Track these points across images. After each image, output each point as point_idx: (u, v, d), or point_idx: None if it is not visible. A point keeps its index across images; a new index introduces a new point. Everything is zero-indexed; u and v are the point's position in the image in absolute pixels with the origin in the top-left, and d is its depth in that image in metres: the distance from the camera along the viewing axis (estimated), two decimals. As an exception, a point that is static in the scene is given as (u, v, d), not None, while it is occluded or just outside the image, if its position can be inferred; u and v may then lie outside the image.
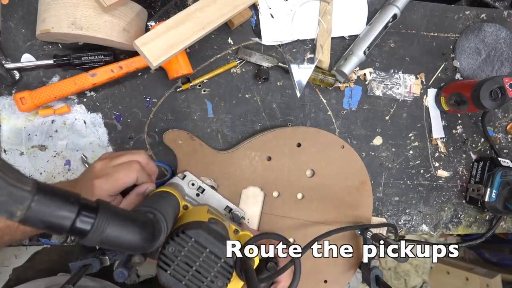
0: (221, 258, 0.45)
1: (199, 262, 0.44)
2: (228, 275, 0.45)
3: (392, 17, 0.74)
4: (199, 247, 0.44)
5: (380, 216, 0.80)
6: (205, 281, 0.44)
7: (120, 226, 0.36)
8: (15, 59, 0.65)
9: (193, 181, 0.67)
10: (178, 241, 0.44)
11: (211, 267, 0.44)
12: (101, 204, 0.36)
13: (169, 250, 0.44)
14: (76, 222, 0.33)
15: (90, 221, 0.34)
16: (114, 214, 0.36)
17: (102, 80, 0.64)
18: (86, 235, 0.34)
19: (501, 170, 0.78)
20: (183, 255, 0.44)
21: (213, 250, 0.44)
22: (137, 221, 0.39)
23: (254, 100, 0.74)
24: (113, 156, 0.54)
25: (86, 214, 0.34)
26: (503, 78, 0.71)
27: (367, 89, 0.78)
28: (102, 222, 0.34)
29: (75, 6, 0.56)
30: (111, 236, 0.35)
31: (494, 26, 0.83)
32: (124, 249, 0.38)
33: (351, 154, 0.74)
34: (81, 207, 0.33)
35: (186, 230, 0.44)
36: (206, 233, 0.45)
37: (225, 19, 0.63)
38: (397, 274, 1.91)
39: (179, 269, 0.44)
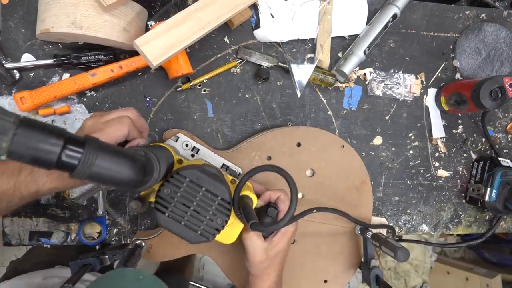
0: (218, 196, 0.45)
1: (196, 202, 0.44)
2: (227, 212, 0.45)
3: (392, 17, 0.74)
4: (194, 186, 0.44)
5: (380, 216, 0.80)
6: (204, 219, 0.44)
7: (109, 159, 0.36)
8: (15, 59, 0.65)
9: (186, 142, 0.66)
10: (173, 182, 0.44)
11: (208, 205, 0.44)
12: (89, 138, 0.35)
13: (165, 191, 0.44)
14: (63, 155, 0.33)
15: (77, 155, 0.33)
16: (103, 148, 0.36)
17: (102, 80, 0.64)
18: (74, 169, 0.34)
19: (501, 170, 0.78)
20: (179, 196, 0.44)
21: (209, 188, 0.44)
22: (127, 156, 0.38)
23: (254, 99, 0.74)
24: (103, 113, 0.54)
25: (72, 148, 0.33)
26: (503, 78, 0.71)
27: (367, 89, 0.78)
28: (90, 155, 0.34)
29: (75, 6, 0.56)
30: (100, 169, 0.35)
31: (494, 26, 0.83)
32: (116, 184, 0.38)
33: (351, 154, 0.74)
34: (67, 140, 0.33)
35: (180, 171, 0.44)
36: (200, 172, 0.44)
37: (225, 18, 0.63)
38: (397, 274, 1.91)
39: (177, 210, 0.44)
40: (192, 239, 0.44)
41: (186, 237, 0.45)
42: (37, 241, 0.68)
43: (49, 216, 0.68)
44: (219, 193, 0.45)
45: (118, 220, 0.70)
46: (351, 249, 0.75)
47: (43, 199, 0.68)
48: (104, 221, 0.68)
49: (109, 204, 0.69)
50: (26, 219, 0.68)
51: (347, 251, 0.75)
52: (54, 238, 0.68)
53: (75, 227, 0.69)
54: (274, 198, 0.59)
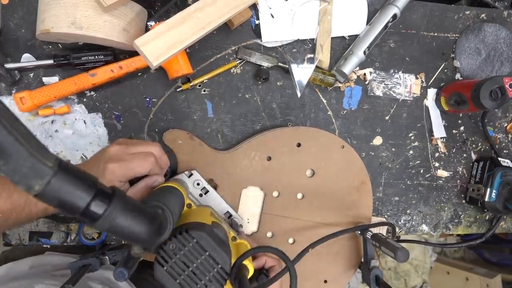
0: (218, 264, 0.45)
1: (196, 264, 0.44)
2: (223, 281, 0.45)
3: (392, 17, 0.74)
4: (199, 249, 0.44)
5: (380, 216, 0.80)
6: (199, 283, 0.44)
7: (130, 217, 0.36)
8: (15, 59, 0.65)
9: (198, 181, 0.67)
10: (180, 239, 0.44)
11: (207, 270, 0.44)
12: (117, 192, 0.36)
13: (170, 247, 0.44)
14: (91, 206, 0.33)
15: (104, 206, 0.34)
16: (127, 204, 0.36)
17: (102, 80, 0.64)
18: (97, 220, 0.34)
19: (501, 170, 0.78)
20: (182, 254, 0.44)
21: (213, 255, 0.45)
22: (147, 214, 0.39)
23: (254, 100, 0.74)
24: (129, 143, 0.54)
25: (100, 199, 0.34)
26: (503, 78, 0.71)
27: (367, 89, 0.78)
28: (115, 209, 0.34)
29: (75, 6, 0.56)
30: (120, 225, 0.35)
31: (494, 26, 0.83)
32: (129, 240, 0.38)
33: (351, 154, 0.74)
34: (97, 192, 0.33)
35: (189, 230, 0.45)
36: (208, 236, 0.45)
37: (225, 19, 0.63)
38: (397, 274, 1.91)
39: (176, 267, 0.44)
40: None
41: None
42: (37, 241, 0.68)
43: (49, 216, 0.68)
44: (220, 261, 0.45)
45: (118, 220, 0.70)
46: (351, 250, 0.75)
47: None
48: (104, 221, 0.68)
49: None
50: (26, 219, 0.68)
51: (347, 251, 0.75)
52: (54, 238, 0.68)
53: (75, 227, 0.69)
54: (269, 265, 0.59)
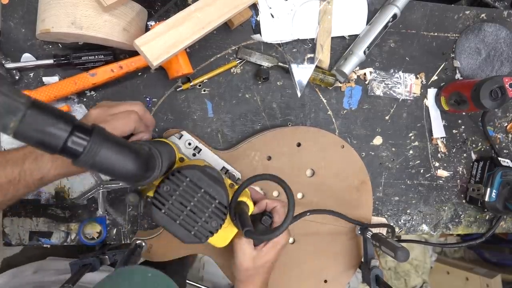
0: (215, 199, 0.45)
1: (193, 202, 0.44)
2: (223, 215, 0.45)
3: (392, 17, 0.74)
4: (194, 186, 0.44)
5: (380, 216, 0.80)
6: (199, 221, 0.44)
7: (114, 151, 0.36)
8: (15, 59, 0.65)
9: (189, 141, 0.66)
10: (173, 180, 0.44)
11: (205, 207, 0.44)
12: (96, 127, 0.35)
13: (164, 188, 0.44)
14: (69, 141, 0.33)
15: (83, 142, 0.33)
16: (109, 139, 0.36)
17: (102, 80, 0.64)
18: (79, 156, 0.34)
19: (501, 170, 0.78)
20: (178, 194, 0.44)
21: (208, 191, 0.44)
22: (131, 149, 0.38)
23: (254, 99, 0.74)
24: (110, 105, 0.53)
25: (79, 135, 0.33)
26: (503, 78, 0.71)
27: (367, 89, 0.78)
28: (96, 144, 0.34)
29: (75, 6, 0.56)
30: (104, 159, 0.35)
31: (494, 26, 0.83)
32: (117, 176, 0.38)
33: (351, 154, 0.74)
34: (74, 127, 0.33)
35: (182, 170, 0.44)
36: (201, 173, 0.45)
37: (225, 18, 0.63)
38: (397, 274, 1.91)
39: (174, 208, 0.44)
40: (185, 238, 0.45)
41: (179, 236, 0.45)
42: (37, 241, 0.68)
43: (49, 216, 0.68)
44: (217, 196, 0.45)
45: (118, 220, 0.70)
46: (351, 249, 0.75)
47: (43, 199, 0.68)
48: (104, 221, 0.68)
49: (109, 204, 0.69)
50: (26, 219, 0.68)
51: (347, 251, 0.75)
52: (54, 238, 0.68)
53: (75, 227, 0.69)
54: (270, 207, 0.60)
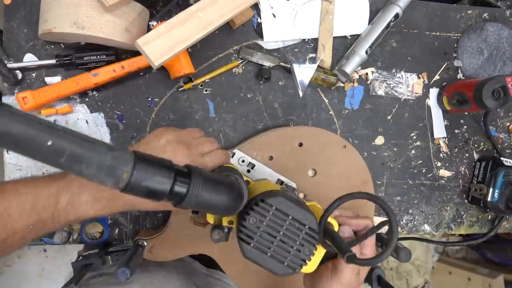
0: (305, 225, 0.42)
1: (282, 231, 0.41)
2: (314, 241, 0.42)
3: (394, 16, 0.74)
4: (281, 215, 0.41)
5: (382, 216, 0.80)
6: (291, 250, 0.41)
7: (211, 188, 0.37)
8: (17, 59, 0.65)
9: (243, 158, 0.68)
10: (258, 210, 0.41)
11: (295, 234, 0.41)
12: (192, 169, 0.37)
13: (250, 221, 0.41)
14: (175, 186, 0.34)
15: (186, 185, 0.35)
16: (206, 178, 0.37)
17: (104, 80, 0.64)
18: (184, 199, 0.35)
19: (504, 170, 0.77)
20: (265, 225, 0.41)
21: (297, 217, 0.41)
22: (225, 183, 0.39)
23: (256, 99, 0.74)
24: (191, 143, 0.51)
25: (181, 179, 0.35)
26: (505, 78, 0.70)
27: (369, 88, 0.78)
28: (196, 185, 0.35)
29: (77, 6, 0.56)
30: (205, 198, 0.36)
31: (496, 25, 0.82)
32: (217, 210, 0.39)
33: (353, 153, 0.74)
34: (176, 172, 0.34)
35: (265, 199, 0.41)
36: (286, 199, 0.42)
37: (227, 18, 0.63)
38: (399, 274, 1.91)
39: (263, 241, 0.41)
40: (279, 271, 0.42)
41: (272, 269, 0.42)
42: (39, 240, 0.68)
43: (51, 216, 0.68)
44: (306, 221, 0.42)
45: (120, 220, 0.70)
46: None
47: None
48: (106, 221, 0.68)
49: (111, 204, 0.69)
50: (29, 219, 0.68)
51: (349, 251, 0.75)
52: (56, 237, 0.68)
53: (77, 227, 0.69)
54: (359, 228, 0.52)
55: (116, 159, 0.30)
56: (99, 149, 0.29)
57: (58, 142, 0.27)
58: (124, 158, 0.30)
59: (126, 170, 0.30)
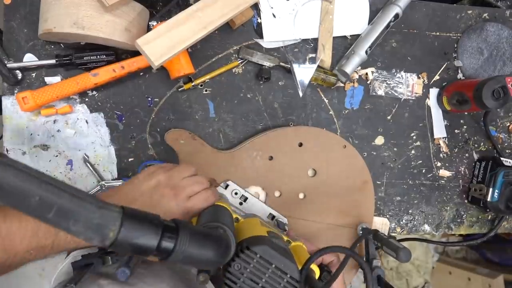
0: (287, 274, 0.44)
1: (265, 278, 0.43)
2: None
3: (394, 16, 0.74)
4: (265, 263, 0.44)
5: (381, 216, 0.80)
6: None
7: (199, 244, 0.37)
8: (17, 59, 0.65)
9: (236, 190, 0.69)
10: (243, 257, 0.43)
11: (277, 282, 0.44)
12: (180, 224, 0.36)
13: (235, 267, 0.43)
14: (162, 243, 0.34)
15: (173, 241, 0.34)
16: (193, 232, 0.37)
17: (104, 80, 0.64)
18: (170, 255, 0.35)
19: (504, 170, 0.77)
20: (249, 272, 0.43)
21: (279, 266, 0.44)
22: (212, 238, 0.39)
23: (256, 99, 0.74)
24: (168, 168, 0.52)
25: (168, 235, 0.34)
26: (505, 78, 0.70)
27: (369, 88, 0.78)
28: (184, 240, 0.35)
29: (77, 6, 0.56)
30: (192, 253, 0.36)
31: (496, 25, 0.82)
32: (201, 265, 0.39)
33: (352, 153, 0.74)
34: (163, 228, 0.34)
35: (250, 246, 0.44)
36: (270, 248, 0.44)
37: (227, 18, 0.63)
38: (398, 274, 1.91)
39: (246, 286, 0.43)
40: None
41: None
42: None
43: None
44: (288, 271, 0.44)
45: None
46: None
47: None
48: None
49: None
50: (29, 219, 0.68)
51: (349, 251, 0.75)
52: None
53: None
54: (327, 261, 0.59)
55: (103, 217, 0.29)
56: (87, 206, 0.29)
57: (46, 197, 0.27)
58: (111, 217, 0.30)
59: (113, 229, 0.30)
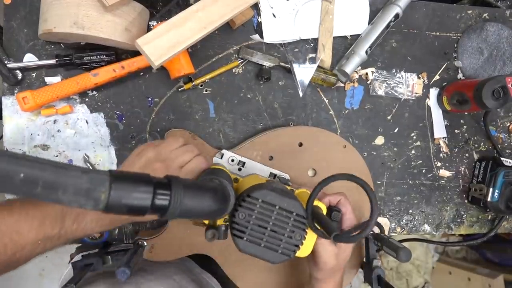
0: (292, 212, 0.44)
1: (272, 221, 0.43)
2: (304, 226, 0.44)
3: (394, 16, 0.74)
4: (268, 206, 0.43)
5: (382, 216, 0.80)
6: (283, 238, 0.43)
7: (194, 195, 0.37)
8: (17, 59, 0.65)
9: (232, 157, 0.68)
10: (245, 205, 0.43)
11: (285, 223, 0.44)
12: (172, 179, 0.36)
13: (240, 216, 0.43)
14: (155, 200, 0.33)
15: (167, 197, 0.34)
16: (186, 185, 0.37)
17: (104, 80, 0.64)
18: (167, 211, 0.35)
19: (504, 170, 0.77)
20: (254, 218, 0.43)
21: (283, 206, 0.44)
22: (207, 188, 0.39)
23: (256, 99, 0.74)
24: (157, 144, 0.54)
25: (161, 192, 0.34)
26: (505, 78, 0.70)
27: (369, 88, 0.78)
28: (178, 195, 0.35)
29: (77, 6, 0.56)
30: (189, 206, 0.36)
31: (496, 25, 0.82)
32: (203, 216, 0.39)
33: (353, 153, 0.74)
34: (155, 185, 0.34)
35: (251, 193, 0.44)
36: (270, 191, 0.44)
37: (227, 18, 0.63)
38: (399, 274, 1.91)
39: (255, 233, 0.43)
40: (274, 259, 0.44)
41: (268, 258, 0.44)
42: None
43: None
44: (293, 209, 0.44)
45: (120, 220, 0.70)
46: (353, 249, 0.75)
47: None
48: (106, 221, 0.68)
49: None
50: (29, 219, 0.68)
51: (349, 251, 0.75)
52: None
53: (77, 227, 0.69)
54: (335, 202, 0.59)
55: (92, 181, 0.29)
56: (73, 174, 0.29)
57: (30, 172, 0.27)
58: (99, 179, 0.30)
59: (103, 191, 0.30)
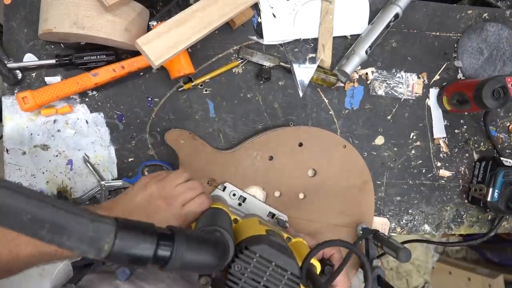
0: (287, 270, 0.44)
1: (266, 277, 0.44)
2: (297, 286, 0.45)
3: (394, 16, 0.74)
4: (264, 261, 0.44)
5: (382, 216, 0.80)
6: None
7: (196, 249, 0.37)
8: (17, 59, 0.65)
9: (234, 192, 0.69)
10: (243, 258, 0.44)
11: (278, 280, 0.44)
12: (176, 231, 0.36)
13: (235, 268, 0.43)
14: (158, 252, 0.33)
15: (169, 249, 0.34)
16: (189, 239, 0.37)
17: (104, 80, 0.64)
18: (168, 263, 0.34)
19: (504, 170, 0.77)
20: (249, 272, 0.43)
21: (279, 263, 0.44)
22: (209, 242, 0.39)
23: (256, 99, 0.74)
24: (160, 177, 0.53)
25: (164, 243, 0.34)
26: (505, 78, 0.70)
27: (369, 88, 0.78)
28: (180, 247, 0.35)
29: (77, 6, 0.56)
30: (189, 260, 0.36)
31: (496, 25, 0.82)
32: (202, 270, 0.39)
33: (352, 153, 0.74)
34: (159, 236, 0.34)
35: (249, 246, 0.44)
36: (269, 246, 0.44)
37: (227, 18, 0.63)
38: (398, 274, 1.91)
39: (247, 286, 0.43)
40: None
41: None
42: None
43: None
44: (288, 267, 0.44)
45: (120, 220, 0.70)
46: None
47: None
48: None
49: (111, 203, 0.69)
50: (29, 219, 0.68)
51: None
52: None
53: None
54: (328, 255, 0.59)
55: (97, 230, 0.29)
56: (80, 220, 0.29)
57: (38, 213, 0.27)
58: (105, 229, 0.30)
59: (107, 241, 0.30)
